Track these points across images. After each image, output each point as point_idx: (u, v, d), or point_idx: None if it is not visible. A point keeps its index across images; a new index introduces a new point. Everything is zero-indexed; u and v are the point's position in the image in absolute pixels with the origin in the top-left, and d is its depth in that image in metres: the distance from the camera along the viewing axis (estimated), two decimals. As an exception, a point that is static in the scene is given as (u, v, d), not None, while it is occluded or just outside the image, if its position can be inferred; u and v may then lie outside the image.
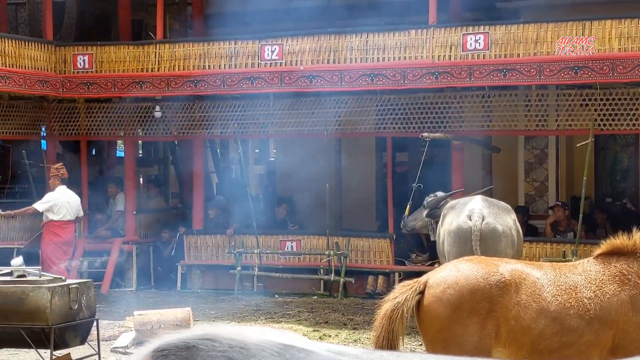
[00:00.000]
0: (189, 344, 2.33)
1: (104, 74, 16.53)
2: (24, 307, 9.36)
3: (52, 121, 17.55)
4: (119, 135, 17.88)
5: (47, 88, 16.42)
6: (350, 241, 15.86)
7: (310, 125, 16.13)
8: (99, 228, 17.47)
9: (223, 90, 15.94)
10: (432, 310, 6.40)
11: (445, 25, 14.87)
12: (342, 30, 15.39)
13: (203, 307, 14.59)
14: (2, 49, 15.53)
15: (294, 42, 15.49)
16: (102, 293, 15.68)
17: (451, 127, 15.26)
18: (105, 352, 10.71)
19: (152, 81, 16.24)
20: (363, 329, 12.74)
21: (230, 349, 2.31)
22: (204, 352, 2.31)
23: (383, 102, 15.59)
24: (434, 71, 14.56)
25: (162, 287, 16.94)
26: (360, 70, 14.97)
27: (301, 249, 16.24)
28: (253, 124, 16.66)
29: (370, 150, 17.94)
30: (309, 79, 15.28)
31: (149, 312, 12.21)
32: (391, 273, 15.69)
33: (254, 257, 16.30)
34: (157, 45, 16.36)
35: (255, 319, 13.73)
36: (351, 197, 17.65)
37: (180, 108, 16.84)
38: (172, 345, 2.35)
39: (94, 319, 9.95)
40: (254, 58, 15.72)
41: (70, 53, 16.70)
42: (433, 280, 6.49)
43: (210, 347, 2.31)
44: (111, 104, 17.22)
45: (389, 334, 6.35)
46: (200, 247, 16.94)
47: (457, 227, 10.42)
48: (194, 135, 17.10)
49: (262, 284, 16.36)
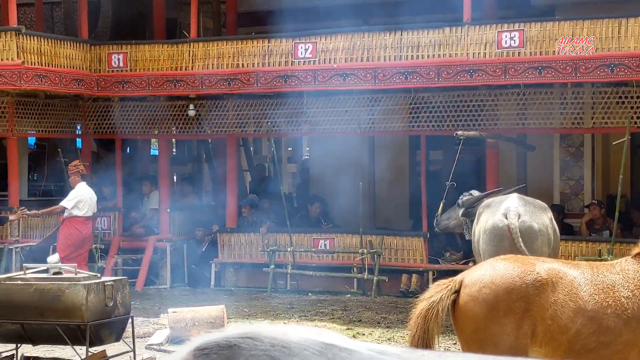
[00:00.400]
0: (230, 343, 2.32)
1: (139, 72, 16.61)
2: (60, 304, 9.41)
3: (87, 119, 17.66)
4: (153, 133, 17.96)
5: (82, 87, 16.53)
6: (383, 239, 15.83)
7: (344, 123, 16.11)
8: (134, 226, 17.55)
9: (256, 88, 15.95)
10: (467, 310, 6.35)
11: (480, 23, 14.79)
12: (376, 28, 15.35)
13: (236, 304, 14.62)
14: (38, 48, 15.64)
15: (328, 40, 15.47)
16: (136, 290, 15.75)
17: (485, 125, 15.17)
18: (140, 349, 10.75)
19: (186, 80, 16.30)
20: (397, 327, 12.71)
21: (272, 348, 2.30)
22: (245, 351, 2.29)
23: (417, 100, 15.53)
24: (468, 69, 14.49)
25: (195, 285, 16.99)
26: (394, 68, 14.93)
27: (334, 247, 16.23)
28: (286, 123, 16.67)
29: (404, 149, 17.89)
30: (343, 77, 15.26)
31: (183, 310, 12.25)
32: (425, 271, 15.63)
33: (287, 255, 16.31)
34: (191, 44, 16.41)
35: (288, 317, 13.73)
36: (384, 196, 17.60)
37: (214, 106, 16.89)
38: (214, 343, 2.34)
39: (129, 316, 9.99)
40: (288, 56, 15.72)
41: (105, 52, 16.80)
42: (469, 279, 6.44)
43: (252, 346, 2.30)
44: (145, 102, 17.30)
45: (424, 333, 6.31)
46: (233, 245, 16.98)
47: (493, 225, 10.36)
48: (227, 133, 17.13)
49: (295, 282, 16.37)
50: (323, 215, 17.22)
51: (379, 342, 11.64)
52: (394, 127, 15.92)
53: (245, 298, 15.56)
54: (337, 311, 14.17)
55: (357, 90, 15.53)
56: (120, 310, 9.79)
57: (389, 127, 15.92)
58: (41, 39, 15.85)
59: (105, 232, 17.38)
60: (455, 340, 10.84)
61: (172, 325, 11.89)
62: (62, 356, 10.37)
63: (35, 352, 10.44)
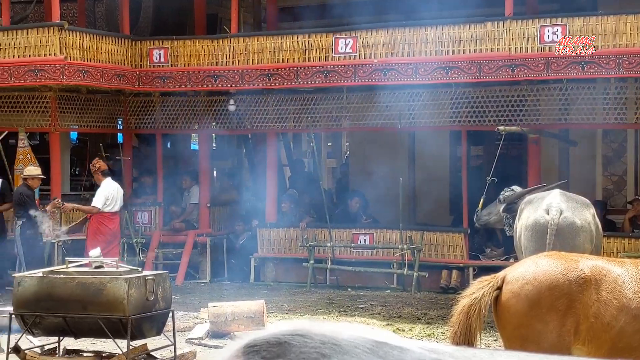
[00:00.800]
0: (280, 340, 2.29)
1: (179, 67, 16.68)
2: (102, 298, 9.48)
3: (128, 114, 17.76)
4: (194, 128, 18.03)
5: (123, 82, 16.62)
6: (423, 235, 15.77)
7: (384, 118, 16.07)
8: (174, 220, 17.64)
9: (296, 83, 15.95)
10: (510, 307, 6.31)
11: (522, 17, 14.69)
12: (416, 23, 15.29)
13: (276, 299, 14.64)
14: (81, 44, 15.75)
15: (368, 35, 15.43)
16: (176, 285, 15.83)
17: (527, 121, 15.06)
18: (180, 343, 10.79)
19: (226, 75, 16.33)
20: (437, 323, 12.66)
21: (322, 345, 2.26)
22: (295, 348, 2.26)
23: (458, 95, 15.46)
24: (510, 64, 14.39)
25: (235, 279, 17.04)
26: (435, 63, 14.86)
27: (374, 242, 16.20)
28: (326, 118, 16.66)
29: (445, 144, 17.80)
30: (383, 72, 15.22)
31: (223, 304, 12.28)
32: (465, 268, 15.56)
33: (327, 250, 16.31)
34: (231, 39, 16.45)
35: (328, 312, 13.73)
36: (425, 191, 17.54)
37: (254, 101, 16.91)
38: (264, 340, 2.30)
39: (170, 310, 10.03)
40: (328, 51, 15.70)
41: (146, 47, 16.88)
42: (511, 276, 6.39)
43: (302, 343, 2.27)
44: (186, 97, 17.37)
45: (466, 329, 6.27)
46: (273, 240, 17.00)
47: (535, 221, 10.27)
48: (267, 128, 17.15)
49: (334, 277, 16.36)
50: (363, 210, 17.19)
51: (419, 338, 11.60)
52: (434, 122, 15.85)
53: (285, 293, 15.58)
54: (377, 307, 14.14)
55: (398, 85, 15.47)
56: (161, 305, 9.83)
57: (430, 122, 15.84)
58: (83, 35, 15.97)
59: (145, 227, 17.50)
60: (496, 337, 10.78)
61: (212, 320, 11.93)
62: (104, 349, 10.44)
63: (77, 345, 10.52)
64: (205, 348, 11.38)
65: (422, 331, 12.22)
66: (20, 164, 16.15)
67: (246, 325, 11.80)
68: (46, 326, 9.83)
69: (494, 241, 15.76)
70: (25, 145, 16.38)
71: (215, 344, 11.47)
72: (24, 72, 15.56)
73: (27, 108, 16.46)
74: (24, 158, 16.19)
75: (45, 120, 16.39)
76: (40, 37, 15.52)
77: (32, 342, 10.55)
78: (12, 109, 16.58)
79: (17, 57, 15.66)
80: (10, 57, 15.71)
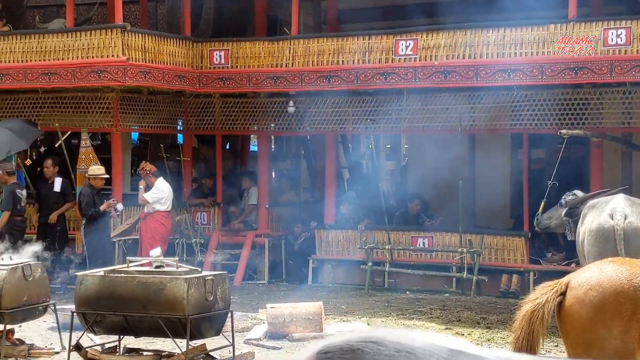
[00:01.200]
0: (353, 347, 2.28)
1: (239, 69, 16.74)
2: (162, 298, 9.55)
3: (188, 115, 17.88)
4: (253, 129, 18.09)
5: (184, 83, 16.74)
6: (483, 239, 15.63)
7: (444, 121, 15.97)
8: (233, 221, 17.71)
9: (356, 85, 15.92)
10: (573, 312, 6.22)
11: (585, 20, 14.50)
12: (478, 25, 15.17)
13: (334, 301, 14.62)
14: (143, 45, 15.89)
15: (429, 37, 15.35)
16: (234, 285, 15.88)
17: (590, 124, 14.87)
18: (238, 344, 10.83)
19: (286, 76, 16.36)
20: (497, 328, 12.54)
21: (397, 354, 2.25)
22: (369, 356, 2.25)
23: (519, 98, 15.30)
24: (573, 66, 14.21)
25: (293, 281, 17.06)
26: (497, 65, 14.73)
27: (433, 245, 16.11)
28: (385, 120, 16.60)
29: (506, 147, 17.63)
30: (444, 74, 15.12)
31: (281, 305, 12.30)
32: (526, 272, 15.39)
33: (385, 253, 16.25)
34: (291, 41, 16.47)
35: (386, 315, 13.68)
36: (485, 194, 17.38)
37: (313, 103, 16.93)
38: (337, 347, 2.30)
39: (229, 310, 10.07)
40: (388, 53, 15.64)
41: (207, 49, 16.98)
42: (575, 281, 6.31)
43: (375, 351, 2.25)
44: (245, 98, 17.43)
45: (529, 335, 6.20)
46: (331, 242, 16.99)
47: (598, 226, 10.13)
48: (326, 130, 17.15)
49: (393, 280, 16.30)
50: (423, 212, 17.10)
51: (478, 343, 11.50)
52: (495, 125, 15.71)
53: (343, 295, 15.55)
54: (436, 310, 14.06)
55: (458, 88, 15.37)
56: (220, 305, 9.88)
57: (491, 125, 15.71)
58: (145, 36, 16.11)
59: (204, 227, 17.61)
60: (557, 343, 10.65)
61: (271, 321, 11.95)
62: (163, 348, 10.51)
63: (137, 344, 10.61)
64: (263, 349, 11.40)
65: (482, 336, 12.11)
66: (82, 164, 16.35)
67: (304, 327, 11.81)
68: (107, 325, 9.94)
69: (556, 246, 15.57)
70: (87, 146, 16.57)
71: (273, 345, 11.49)
72: (87, 73, 15.75)
73: (89, 109, 16.65)
74: (86, 158, 16.38)
75: (107, 120, 16.57)
76: (103, 39, 15.69)
77: (93, 341, 10.67)
78: (75, 110, 16.79)
79: (81, 58, 15.86)
80: (74, 58, 15.91)
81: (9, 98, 17.29)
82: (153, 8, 20.45)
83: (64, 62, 15.94)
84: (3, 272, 10.45)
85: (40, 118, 16.96)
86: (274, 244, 17.54)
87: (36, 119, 16.94)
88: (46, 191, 16.08)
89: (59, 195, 15.98)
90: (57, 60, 16.01)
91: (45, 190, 16.12)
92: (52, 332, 11.92)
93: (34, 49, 16.23)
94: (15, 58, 16.36)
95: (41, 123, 16.83)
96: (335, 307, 14.12)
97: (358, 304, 14.61)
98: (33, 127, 16.49)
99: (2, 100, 17.37)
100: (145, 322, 9.73)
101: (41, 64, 16.10)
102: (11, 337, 11.00)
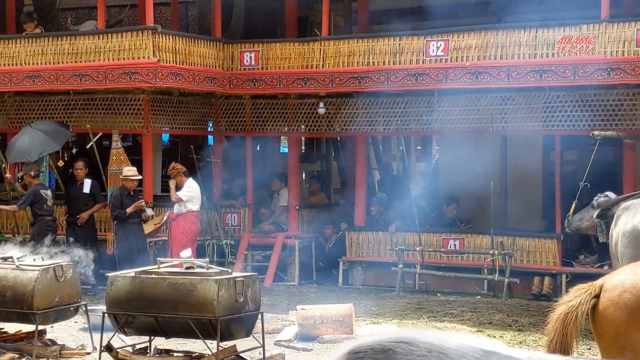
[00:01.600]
0: (385, 347, 2.28)
1: (270, 70, 16.74)
2: (192, 299, 9.54)
3: (218, 117, 17.91)
4: (283, 131, 18.08)
5: (214, 84, 16.76)
6: (515, 241, 15.54)
7: (475, 122, 15.89)
8: (263, 223, 17.71)
9: (387, 86, 15.87)
10: (608, 315, 6.14)
11: (618, 20, 14.37)
12: (509, 26, 15.07)
13: (364, 303, 14.57)
14: (173, 47, 15.93)
15: (460, 38, 15.27)
16: (265, 287, 15.88)
17: (623, 125, 14.73)
18: (269, 345, 10.81)
19: (317, 78, 16.34)
20: (529, 330, 12.45)
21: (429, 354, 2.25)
22: (401, 356, 2.25)
23: (551, 99, 15.19)
24: (606, 67, 14.08)
25: (323, 282, 17.04)
26: (528, 66, 14.64)
27: (464, 247, 16.03)
28: (416, 121, 16.54)
29: (537, 148, 17.50)
30: (475, 75, 15.04)
31: (312, 307, 12.27)
32: (558, 274, 15.27)
33: (416, 254, 16.19)
34: (322, 42, 16.46)
35: (417, 317, 13.62)
36: (516, 196, 17.27)
37: (344, 104, 16.89)
38: (368, 347, 2.31)
39: (259, 312, 10.05)
40: (419, 54, 15.58)
41: (237, 50, 17.00)
42: (609, 283, 6.23)
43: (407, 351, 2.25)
44: (276, 100, 17.43)
45: (563, 338, 6.13)
46: (362, 244, 16.95)
47: (633, 228, 10.02)
48: (356, 131, 17.12)
49: (424, 282, 16.23)
50: (459, 216, 17.01)
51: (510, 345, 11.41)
52: (527, 126, 15.61)
53: (373, 297, 15.50)
54: (467, 312, 13.98)
55: (490, 89, 15.28)
56: (251, 306, 9.86)
57: (522, 126, 15.61)
58: (176, 38, 16.15)
59: (235, 228, 17.62)
60: (590, 346, 10.54)
61: (301, 322, 11.92)
62: (194, 350, 10.51)
63: (167, 345, 10.62)
64: (294, 350, 11.38)
65: (513, 338, 12.03)
66: (113, 165, 16.41)
67: (334, 329, 11.77)
68: (138, 325, 9.95)
69: (588, 248, 15.44)
70: (118, 147, 16.63)
71: (304, 347, 11.46)
72: (118, 74, 15.80)
73: (120, 110, 16.72)
74: (117, 159, 16.44)
75: (138, 122, 16.63)
76: (134, 41, 15.75)
77: (123, 341, 10.69)
78: (106, 111, 16.87)
79: (112, 60, 15.92)
80: (105, 60, 15.98)
81: (41, 100, 17.41)
82: (184, 10, 20.50)
83: (95, 64, 16.01)
84: (35, 273, 10.50)
85: (72, 119, 17.06)
86: (304, 245, 17.52)
87: (68, 120, 17.03)
88: (75, 193, 16.16)
89: (88, 196, 16.04)
90: (89, 62, 16.09)
91: (74, 192, 16.20)
92: (84, 332, 11.97)
93: (65, 50, 16.32)
94: (47, 60, 16.46)
95: (73, 124, 16.92)
96: (365, 309, 14.07)
97: (389, 306, 14.56)
98: (65, 129, 16.57)
99: (34, 102, 17.49)
100: (176, 323, 9.73)
101: (73, 65, 16.18)
102: (43, 338, 11.06)
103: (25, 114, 17.61)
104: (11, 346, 10.84)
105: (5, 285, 10.57)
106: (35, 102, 17.46)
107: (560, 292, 13.32)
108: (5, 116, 17.80)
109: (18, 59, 16.72)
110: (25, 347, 10.75)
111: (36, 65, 16.54)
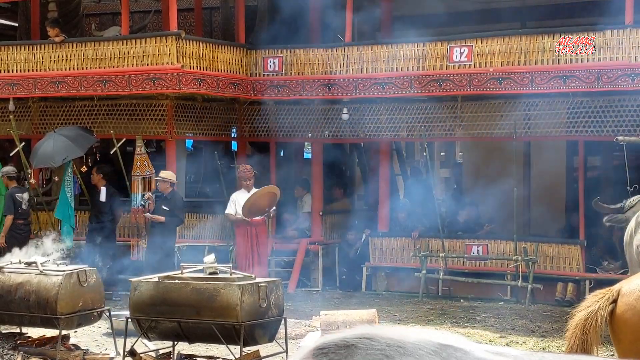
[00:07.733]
0: (348, 343, 2.42)
1: (294, 76, 16.78)
2: (215, 304, 9.58)
3: (242, 123, 17.96)
4: (307, 137, 18.10)
5: (238, 90, 16.82)
6: (538, 247, 15.48)
7: (499, 128, 15.85)
8: (287, 228, 17.75)
9: (410, 92, 15.87)
10: (625, 320, 6.13)
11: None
12: (533, 31, 15.04)
13: (387, 309, 14.57)
14: (197, 53, 16.01)
15: (484, 43, 15.25)
16: (288, 292, 15.90)
17: (647, 131, 14.65)
18: (292, 351, 10.82)
19: (340, 83, 16.37)
20: (552, 336, 12.41)
21: (388, 348, 2.38)
22: (362, 351, 2.38)
23: (575, 105, 15.14)
24: (630, 72, 14.02)
25: (346, 288, 17.04)
26: (552, 72, 14.59)
27: (487, 253, 15.99)
28: (439, 127, 16.52)
29: (561, 154, 17.45)
30: (499, 80, 15.01)
31: (335, 313, 12.26)
32: (581, 280, 15.21)
33: (439, 260, 16.16)
34: (345, 48, 16.47)
35: (440, 323, 13.60)
36: (540, 202, 17.22)
37: (367, 110, 16.90)
38: (332, 343, 2.44)
39: (282, 317, 10.08)
40: (442, 60, 15.57)
41: (261, 56, 17.05)
42: (626, 288, 6.22)
43: (368, 346, 2.39)
44: (299, 106, 17.46)
45: (583, 343, 6.12)
46: (385, 250, 16.95)
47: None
48: (380, 137, 17.12)
49: (447, 287, 16.21)
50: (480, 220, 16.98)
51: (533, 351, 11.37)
52: (551, 131, 15.56)
53: (396, 303, 15.50)
54: (490, 318, 13.95)
55: (513, 94, 15.24)
56: (274, 312, 9.90)
57: (546, 132, 15.56)
58: (200, 44, 16.22)
59: (258, 234, 17.62)
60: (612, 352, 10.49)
61: (324, 328, 11.91)
62: (217, 355, 10.55)
63: (190, 350, 10.67)
64: (316, 356, 11.37)
65: (536, 344, 11.99)
66: (137, 170, 16.49)
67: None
68: (161, 330, 10.00)
69: (612, 254, 15.36)
70: (142, 153, 16.70)
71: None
72: (142, 80, 15.89)
73: (144, 116, 16.80)
74: (141, 165, 16.52)
75: (161, 127, 16.70)
76: (158, 46, 15.83)
77: (147, 346, 10.74)
78: (130, 117, 16.95)
79: (136, 65, 16.01)
80: (129, 65, 16.07)
81: (65, 105, 17.52)
82: (208, 16, 20.58)
83: (119, 70, 16.11)
84: (59, 278, 10.58)
85: (96, 125, 17.16)
86: (328, 251, 17.54)
87: (91, 126, 17.13)
88: (95, 199, 16.26)
89: (105, 204, 16.04)
90: (112, 67, 16.19)
91: (94, 199, 16.30)
92: (107, 337, 12.02)
93: (89, 56, 16.43)
94: (71, 66, 16.58)
95: (96, 130, 17.02)
96: (388, 314, 14.07)
97: (412, 312, 14.55)
98: (88, 134, 16.67)
99: (58, 108, 17.61)
100: (199, 328, 9.77)
101: (96, 71, 16.29)
102: (66, 343, 11.13)
103: (49, 119, 17.74)
104: (35, 351, 10.92)
105: (29, 290, 10.66)
106: (59, 108, 17.58)
107: (583, 298, 13.24)
108: (29, 122, 17.94)
109: (42, 65, 16.85)
110: (48, 352, 10.83)
111: (60, 71, 16.66)
